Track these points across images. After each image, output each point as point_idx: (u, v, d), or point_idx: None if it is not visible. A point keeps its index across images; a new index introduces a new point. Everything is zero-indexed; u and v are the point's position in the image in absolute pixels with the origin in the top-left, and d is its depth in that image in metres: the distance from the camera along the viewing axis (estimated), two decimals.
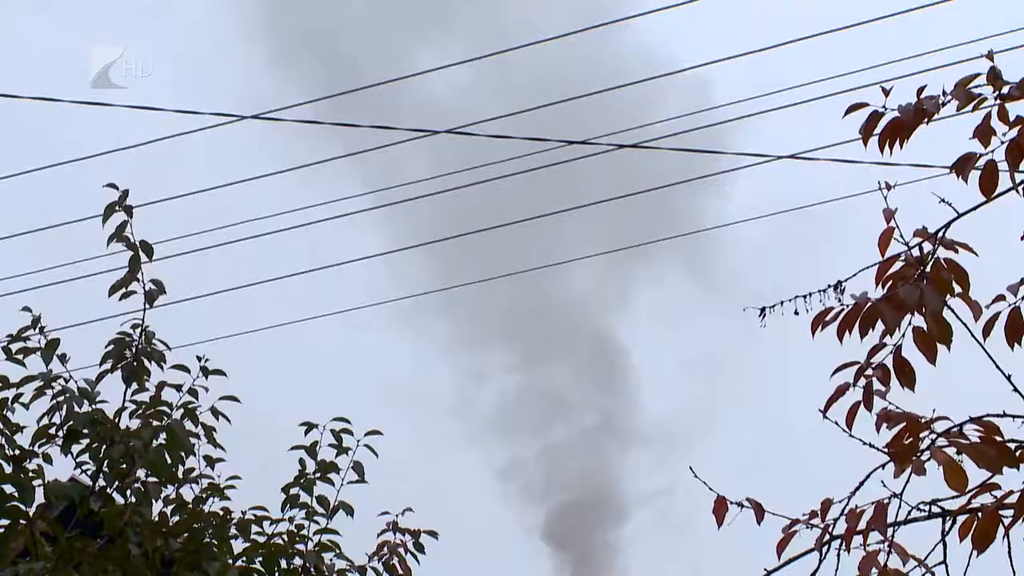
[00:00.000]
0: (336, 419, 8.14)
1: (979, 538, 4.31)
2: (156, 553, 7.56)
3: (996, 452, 4.28)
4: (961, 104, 4.69)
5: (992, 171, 4.61)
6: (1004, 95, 4.65)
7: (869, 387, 4.61)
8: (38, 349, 7.63)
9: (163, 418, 7.69)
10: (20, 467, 7.43)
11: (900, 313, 4.54)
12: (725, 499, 4.98)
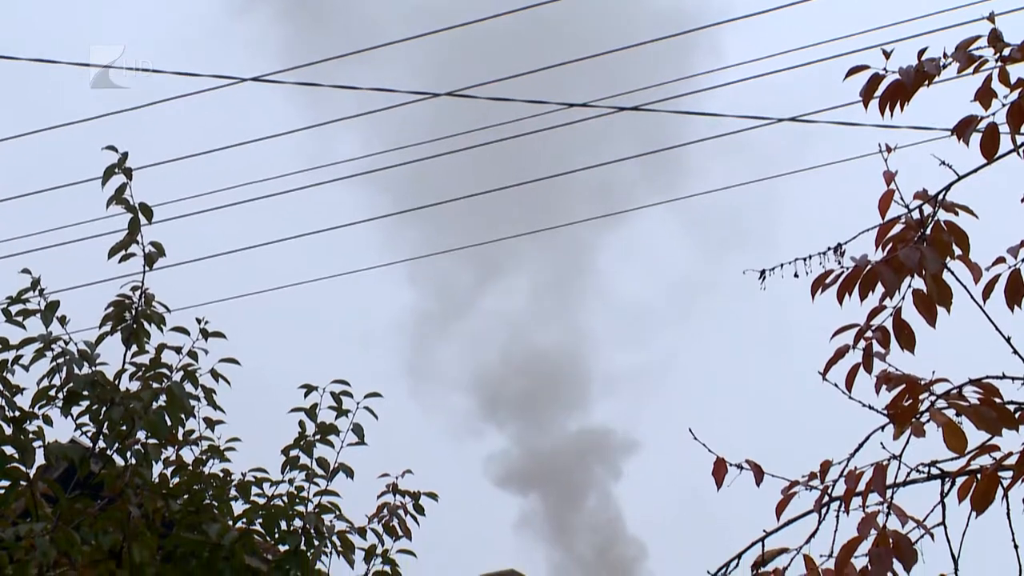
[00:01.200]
0: (335, 381, 8.15)
1: (978, 499, 4.31)
2: (156, 514, 7.58)
3: (995, 414, 4.29)
4: (962, 66, 4.68)
5: (993, 133, 4.60)
6: (1005, 57, 4.64)
7: (869, 349, 4.62)
8: (38, 311, 7.63)
9: (163, 380, 7.70)
10: (20, 428, 7.44)
11: (900, 275, 4.54)
12: (724, 461, 4.99)
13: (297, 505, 7.97)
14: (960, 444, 4.29)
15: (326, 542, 7.96)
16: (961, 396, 4.36)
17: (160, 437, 7.64)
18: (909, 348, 4.62)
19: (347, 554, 8.05)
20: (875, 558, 4.39)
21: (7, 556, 7.27)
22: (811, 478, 4.71)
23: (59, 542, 7.09)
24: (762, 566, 4.70)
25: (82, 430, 7.65)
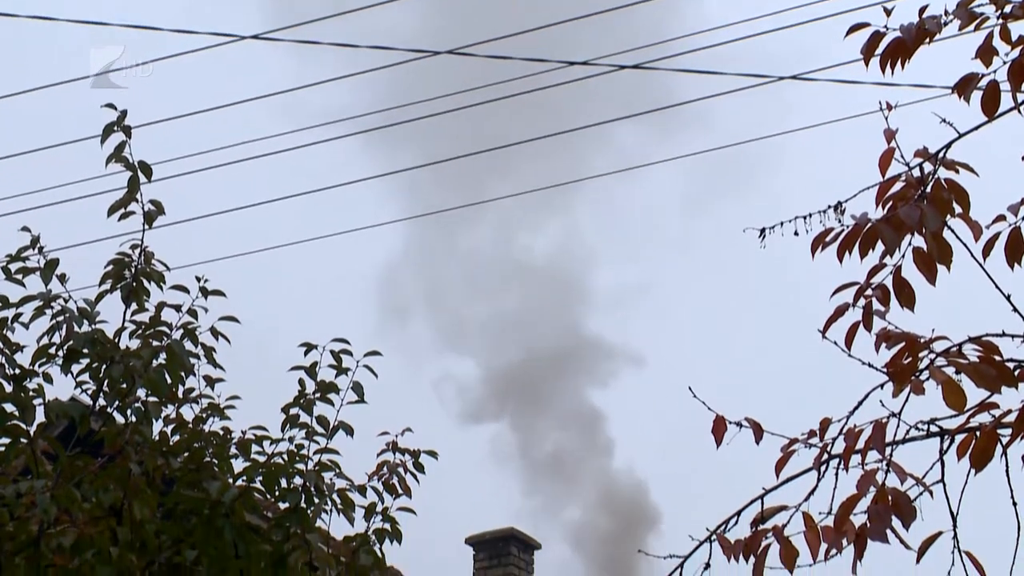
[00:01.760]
0: (335, 340, 8.16)
1: (977, 457, 4.32)
2: (157, 472, 7.59)
3: (995, 371, 4.29)
4: (963, 24, 4.67)
5: (994, 91, 4.59)
6: (1006, 14, 4.63)
7: (868, 307, 4.62)
8: (37, 269, 7.63)
9: (163, 338, 7.70)
10: (20, 386, 7.44)
11: (900, 233, 4.54)
12: (724, 418, 5.00)
13: (297, 463, 7.98)
14: (959, 402, 4.29)
15: (326, 500, 7.98)
16: (960, 354, 4.36)
17: (160, 395, 7.65)
18: (909, 306, 4.62)
19: (347, 512, 8.07)
20: (874, 515, 4.40)
21: (8, 513, 7.29)
22: (810, 436, 4.72)
23: (60, 499, 7.11)
24: (761, 523, 4.71)
25: (82, 388, 7.66)
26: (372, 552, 8.13)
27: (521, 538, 21.89)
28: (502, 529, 21.89)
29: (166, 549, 7.74)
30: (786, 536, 4.62)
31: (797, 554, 4.60)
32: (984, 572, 4.53)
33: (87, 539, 7.23)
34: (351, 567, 8.02)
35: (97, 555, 7.24)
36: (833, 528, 4.51)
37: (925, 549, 4.49)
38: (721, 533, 4.82)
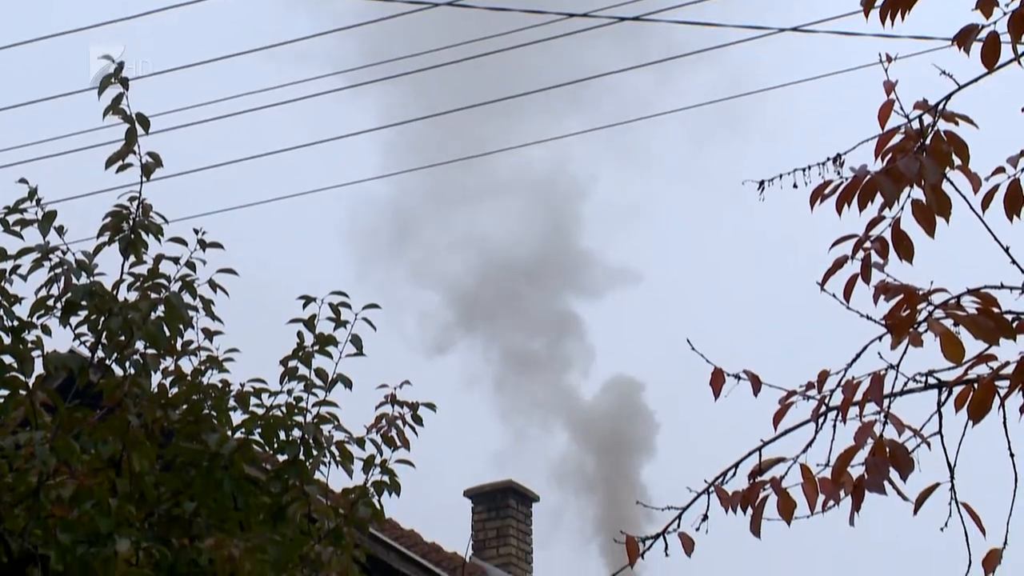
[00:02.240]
0: (334, 293, 8.17)
1: (975, 409, 4.33)
2: (155, 424, 7.61)
3: (993, 323, 4.29)
4: None
5: (994, 42, 4.57)
6: None
7: (867, 260, 4.61)
8: (35, 221, 7.62)
9: (161, 290, 7.70)
10: (19, 338, 7.45)
11: (899, 185, 4.53)
12: (722, 371, 5.00)
13: (296, 415, 8.00)
14: (957, 353, 4.29)
15: (325, 452, 8.00)
16: (959, 306, 4.36)
17: (159, 347, 7.66)
18: (907, 258, 4.61)
19: (346, 464, 8.09)
20: (872, 467, 4.41)
21: (7, 464, 7.30)
22: (808, 388, 4.72)
23: (59, 450, 7.12)
24: (759, 475, 4.72)
25: (80, 340, 7.66)
26: (371, 504, 8.16)
27: (519, 490, 21.95)
28: (500, 482, 21.96)
29: (165, 501, 7.76)
30: (784, 488, 4.62)
31: (795, 506, 4.60)
32: (981, 523, 4.55)
33: (86, 490, 7.25)
34: (350, 519, 8.05)
35: (96, 506, 7.26)
36: (831, 480, 4.51)
37: (922, 500, 4.50)
38: (719, 485, 4.82)
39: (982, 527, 4.56)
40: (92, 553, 7.16)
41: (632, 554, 4.93)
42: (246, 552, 7.15)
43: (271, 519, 7.82)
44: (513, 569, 21.12)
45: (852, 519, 4.50)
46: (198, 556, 7.35)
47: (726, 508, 4.74)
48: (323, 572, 7.59)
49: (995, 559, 4.80)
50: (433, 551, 17.08)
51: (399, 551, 15.65)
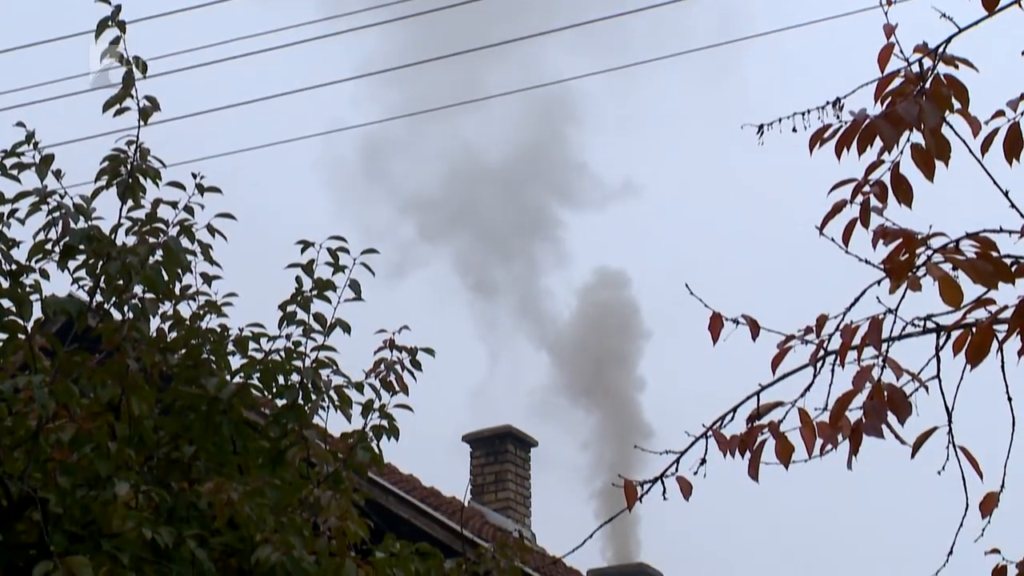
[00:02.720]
0: (332, 238, 8.15)
1: (973, 353, 4.33)
2: (154, 368, 7.61)
3: (992, 267, 4.28)
4: None
5: None
6: None
7: (866, 204, 4.60)
8: (32, 165, 7.61)
9: (159, 235, 7.69)
10: (17, 282, 7.44)
11: (898, 129, 4.51)
12: (721, 315, 5.00)
13: (294, 360, 8.00)
14: (956, 297, 4.29)
15: (323, 396, 8.01)
16: (958, 250, 4.35)
17: (157, 292, 7.65)
18: (906, 202, 4.60)
19: (344, 408, 8.10)
20: (870, 411, 4.41)
21: (6, 408, 7.31)
22: (807, 332, 4.72)
23: (58, 394, 7.12)
24: (757, 419, 4.72)
25: (79, 284, 7.66)
26: (369, 448, 8.17)
27: (518, 435, 22.00)
28: (499, 427, 22.00)
29: (164, 444, 7.77)
30: (782, 432, 4.63)
31: (793, 450, 4.62)
32: (979, 467, 4.56)
33: (85, 434, 7.26)
34: (348, 463, 8.06)
35: (95, 450, 7.28)
36: (829, 424, 4.52)
37: (920, 444, 4.51)
38: (717, 429, 4.83)
39: (979, 471, 4.57)
40: (91, 496, 7.18)
41: (630, 498, 4.94)
42: (245, 496, 7.17)
43: (270, 463, 7.83)
44: (511, 513, 21.19)
45: (850, 463, 4.51)
46: (197, 499, 7.37)
47: (724, 452, 4.75)
48: (322, 516, 7.60)
49: (992, 503, 4.82)
50: (432, 495, 17.14)
51: (398, 495, 15.70)
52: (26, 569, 6.93)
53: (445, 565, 8.16)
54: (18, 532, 7.27)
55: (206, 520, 7.35)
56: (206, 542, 7.30)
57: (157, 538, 6.99)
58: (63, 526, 7.20)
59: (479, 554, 8.40)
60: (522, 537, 8.86)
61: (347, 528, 7.53)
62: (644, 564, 26.69)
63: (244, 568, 7.42)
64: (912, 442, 4.50)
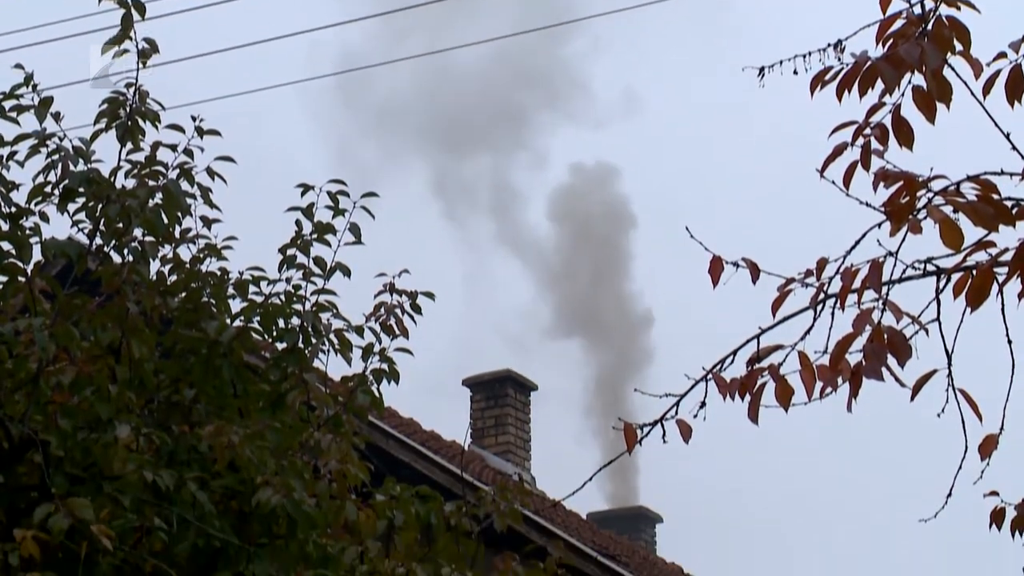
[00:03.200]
0: (332, 181, 8.14)
1: (973, 295, 4.32)
2: (154, 311, 7.61)
3: (993, 210, 4.27)
4: None
5: None
6: None
7: (867, 146, 4.59)
8: (31, 107, 7.58)
9: (159, 178, 7.68)
10: (17, 224, 7.43)
11: (900, 71, 4.49)
12: (720, 258, 5.00)
13: (295, 304, 8.00)
14: (956, 240, 4.28)
15: (324, 340, 8.01)
16: (959, 193, 4.34)
17: (157, 235, 7.64)
18: (907, 145, 4.59)
19: (344, 352, 8.11)
20: (869, 353, 4.41)
21: (6, 350, 7.32)
22: (807, 275, 4.72)
23: (58, 337, 7.13)
24: (757, 362, 4.73)
25: (79, 227, 7.65)
26: (369, 392, 8.18)
27: (518, 379, 22.03)
28: (499, 371, 22.03)
29: (165, 388, 7.78)
30: (782, 375, 4.63)
31: (792, 392, 4.62)
32: (978, 409, 4.56)
33: (86, 377, 7.27)
34: (348, 407, 8.07)
35: (96, 393, 7.29)
36: (829, 367, 4.52)
37: (920, 387, 4.51)
38: (717, 372, 4.83)
39: (979, 413, 4.57)
40: (92, 439, 7.20)
41: (630, 441, 4.95)
42: (245, 439, 7.18)
43: (270, 406, 7.85)
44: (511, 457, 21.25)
45: (850, 405, 4.52)
46: (198, 442, 7.39)
47: (724, 395, 4.75)
48: (322, 459, 7.62)
49: (991, 445, 4.83)
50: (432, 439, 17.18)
51: (398, 439, 15.73)
52: (27, 511, 6.95)
53: (445, 508, 8.19)
54: (19, 474, 7.30)
55: (207, 463, 7.37)
56: (207, 485, 7.32)
57: (158, 480, 7.01)
58: (64, 468, 7.23)
59: (479, 497, 8.42)
60: (522, 480, 8.88)
61: (347, 471, 7.55)
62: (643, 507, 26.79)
63: (245, 510, 7.44)
64: (912, 385, 4.50)
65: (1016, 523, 5.06)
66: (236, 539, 7.32)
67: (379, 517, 7.86)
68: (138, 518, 7.02)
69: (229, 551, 7.31)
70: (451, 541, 8.21)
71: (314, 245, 8.10)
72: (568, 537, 15.97)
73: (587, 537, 17.49)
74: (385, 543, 8.00)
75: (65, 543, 6.66)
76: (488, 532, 8.41)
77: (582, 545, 16.36)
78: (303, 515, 7.27)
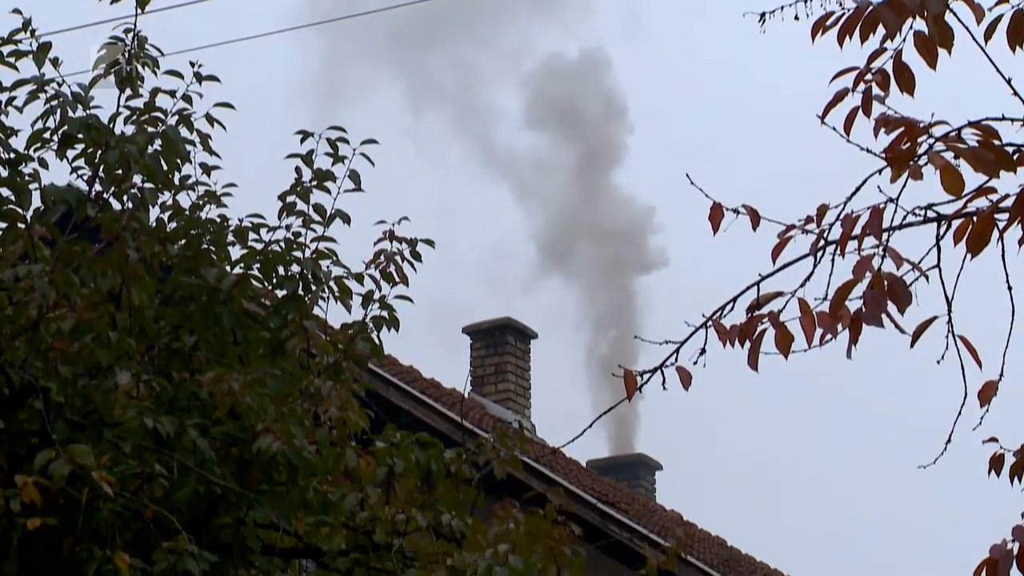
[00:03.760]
0: (331, 128, 8.11)
1: (973, 242, 4.31)
2: (154, 258, 7.61)
3: (993, 156, 4.26)
4: None
5: None
6: None
7: (868, 92, 4.57)
8: (30, 53, 7.55)
9: (158, 124, 7.66)
10: (16, 171, 7.42)
11: (901, 17, 4.47)
12: (721, 205, 4.99)
13: (294, 251, 7.99)
14: (957, 186, 4.27)
15: (323, 287, 8.01)
16: (959, 138, 4.33)
17: (156, 181, 7.63)
18: (909, 91, 4.57)
19: (344, 299, 8.11)
20: (870, 300, 4.41)
21: (6, 297, 7.32)
22: (807, 222, 4.71)
23: (58, 283, 7.13)
24: (757, 309, 4.72)
25: (78, 174, 7.64)
26: (369, 339, 8.18)
27: (518, 327, 22.04)
28: (499, 319, 22.04)
29: (165, 335, 7.79)
30: (782, 322, 4.63)
31: (792, 339, 4.62)
32: (978, 356, 4.56)
33: (86, 324, 7.27)
34: (348, 354, 8.07)
35: (96, 339, 7.29)
36: (828, 313, 4.52)
37: (920, 334, 4.51)
38: (717, 319, 4.83)
39: (978, 360, 4.57)
40: (93, 385, 7.21)
41: (630, 387, 4.95)
42: (246, 386, 7.19)
43: (270, 354, 7.85)
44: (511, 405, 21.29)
45: (850, 352, 4.52)
46: (198, 389, 7.40)
47: (724, 342, 4.75)
48: (322, 406, 7.63)
49: (991, 391, 4.83)
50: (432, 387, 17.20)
51: (398, 386, 15.74)
52: (28, 457, 6.98)
53: (445, 455, 8.20)
54: (20, 420, 7.32)
55: (207, 410, 7.38)
56: (207, 431, 7.34)
57: (159, 427, 7.03)
58: (65, 415, 7.24)
59: (479, 444, 8.43)
60: (522, 428, 8.89)
61: (347, 418, 7.56)
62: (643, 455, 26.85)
63: (245, 457, 7.46)
64: (912, 331, 4.50)
65: (1015, 469, 5.06)
66: (236, 486, 7.34)
67: (379, 464, 7.88)
68: (139, 464, 7.04)
69: (230, 497, 7.34)
70: (451, 488, 8.23)
71: (314, 192, 8.08)
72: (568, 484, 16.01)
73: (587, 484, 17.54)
74: (385, 490, 8.02)
75: (66, 489, 6.68)
76: (488, 479, 8.43)
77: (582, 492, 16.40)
78: (303, 462, 7.28)
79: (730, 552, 19.85)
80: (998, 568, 4.55)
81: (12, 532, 6.86)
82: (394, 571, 7.41)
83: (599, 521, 16.38)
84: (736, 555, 19.85)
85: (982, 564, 4.59)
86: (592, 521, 16.09)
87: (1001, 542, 4.57)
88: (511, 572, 7.48)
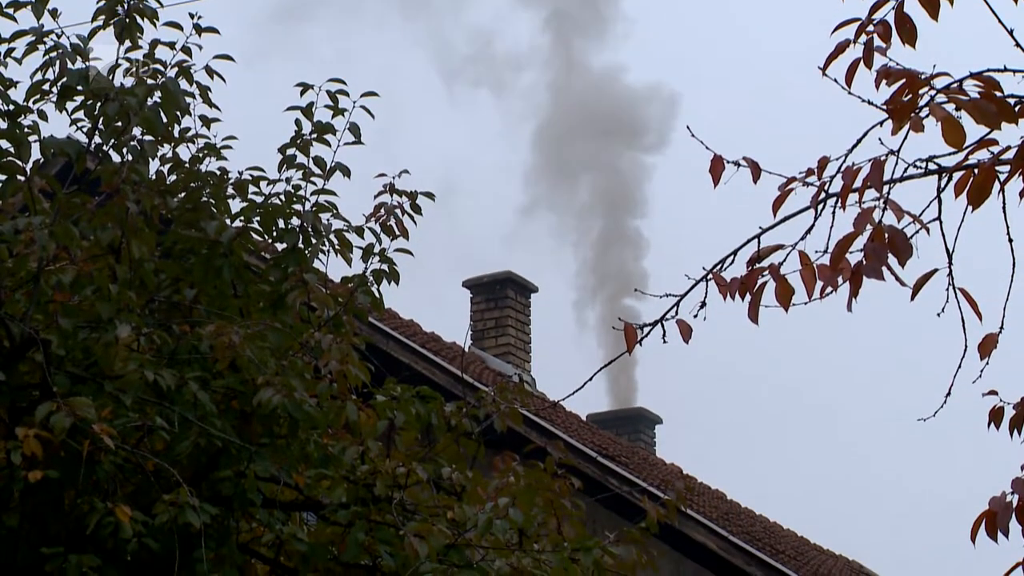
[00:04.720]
0: (331, 80, 8.08)
1: (974, 194, 4.31)
2: (154, 211, 7.59)
3: (995, 108, 4.25)
4: None
5: None
6: None
7: (870, 44, 4.56)
8: (28, 3, 7.52)
9: (157, 76, 7.63)
10: (15, 123, 7.40)
11: None
12: (722, 158, 4.98)
13: (294, 204, 7.97)
14: (958, 138, 4.26)
15: (324, 240, 8.00)
16: (961, 90, 4.32)
17: (156, 133, 7.61)
18: (910, 42, 4.56)
19: (344, 252, 8.09)
20: (870, 253, 4.41)
21: (7, 250, 7.31)
22: (808, 174, 4.70)
23: (58, 236, 7.12)
24: (758, 262, 4.72)
25: (78, 126, 7.62)
26: (370, 292, 8.17)
27: (518, 281, 22.02)
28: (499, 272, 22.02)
29: (165, 288, 7.78)
30: (782, 274, 4.63)
31: (793, 292, 4.62)
32: (978, 309, 4.56)
33: (86, 276, 7.27)
34: (349, 307, 8.07)
35: (96, 292, 7.29)
36: (829, 266, 4.51)
37: (920, 286, 4.51)
38: (717, 272, 4.83)
39: (979, 312, 4.58)
40: (93, 338, 7.21)
41: (630, 341, 4.95)
42: (246, 339, 7.19)
43: (270, 307, 7.85)
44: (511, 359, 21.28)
45: (850, 305, 4.52)
46: (198, 342, 7.40)
47: (724, 295, 4.75)
48: (323, 359, 7.63)
49: (991, 344, 4.83)
50: (432, 341, 17.20)
51: (398, 340, 15.75)
52: (29, 409, 6.98)
53: (445, 408, 8.21)
54: (21, 373, 7.32)
55: (207, 363, 7.38)
56: (208, 384, 7.34)
57: (159, 380, 7.03)
58: (65, 367, 7.25)
59: (479, 398, 8.44)
60: (522, 381, 8.89)
61: (348, 372, 7.56)
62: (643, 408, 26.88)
63: (246, 410, 7.47)
64: (912, 284, 4.49)
65: (1014, 421, 5.07)
66: (237, 439, 7.35)
67: (379, 417, 7.88)
68: (139, 417, 7.04)
69: (230, 450, 7.35)
70: (451, 441, 8.24)
71: (314, 145, 8.06)
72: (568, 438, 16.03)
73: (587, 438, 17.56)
74: (386, 443, 8.02)
75: (67, 442, 6.69)
76: (488, 433, 8.44)
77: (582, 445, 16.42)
78: (304, 415, 7.29)
79: (730, 505, 19.89)
80: (997, 520, 4.56)
81: (14, 484, 6.87)
82: (395, 524, 7.42)
83: (599, 474, 16.40)
84: (736, 508, 19.89)
85: (981, 516, 4.61)
86: (592, 474, 16.10)
87: (1000, 494, 4.58)
88: (511, 525, 7.49)
